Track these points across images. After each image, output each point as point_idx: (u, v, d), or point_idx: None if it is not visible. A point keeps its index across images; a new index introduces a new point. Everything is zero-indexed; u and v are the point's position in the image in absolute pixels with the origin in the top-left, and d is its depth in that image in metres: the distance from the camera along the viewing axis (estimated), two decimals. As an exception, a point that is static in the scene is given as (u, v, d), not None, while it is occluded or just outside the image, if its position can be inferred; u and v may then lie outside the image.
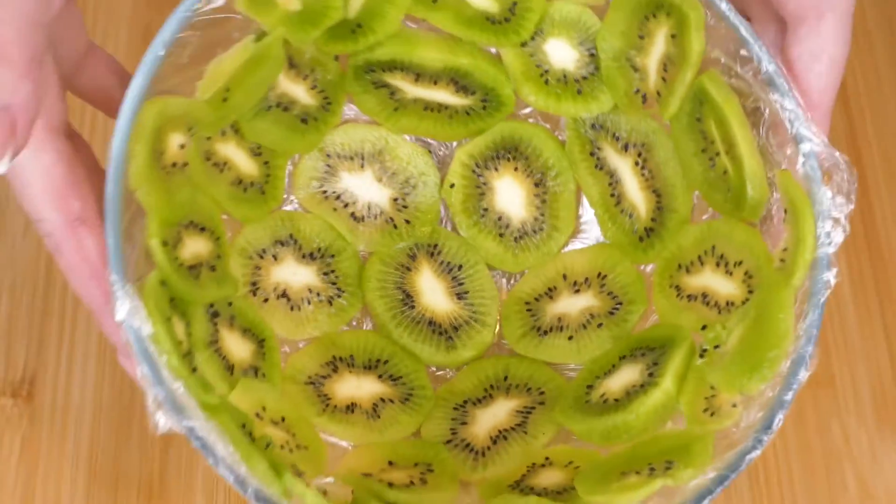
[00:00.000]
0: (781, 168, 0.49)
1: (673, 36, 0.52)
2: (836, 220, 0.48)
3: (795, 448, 0.64)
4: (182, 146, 0.49)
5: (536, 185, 0.58)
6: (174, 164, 0.48)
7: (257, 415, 0.49)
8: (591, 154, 0.57)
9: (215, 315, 0.50)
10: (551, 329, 0.56)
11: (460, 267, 0.58)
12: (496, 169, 0.58)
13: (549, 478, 0.52)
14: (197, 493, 0.60)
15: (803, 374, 0.46)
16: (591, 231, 0.58)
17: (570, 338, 0.56)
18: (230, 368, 0.50)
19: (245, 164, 0.54)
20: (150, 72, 0.46)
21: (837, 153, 0.48)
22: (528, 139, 0.57)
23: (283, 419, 0.51)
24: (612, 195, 0.57)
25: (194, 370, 0.46)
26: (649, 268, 0.56)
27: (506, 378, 0.56)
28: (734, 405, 0.48)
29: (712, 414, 0.49)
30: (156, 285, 0.46)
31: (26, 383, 0.60)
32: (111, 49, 0.64)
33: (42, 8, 0.43)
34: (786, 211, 0.50)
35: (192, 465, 0.61)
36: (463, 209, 0.58)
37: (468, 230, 0.58)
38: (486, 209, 0.58)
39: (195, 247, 0.49)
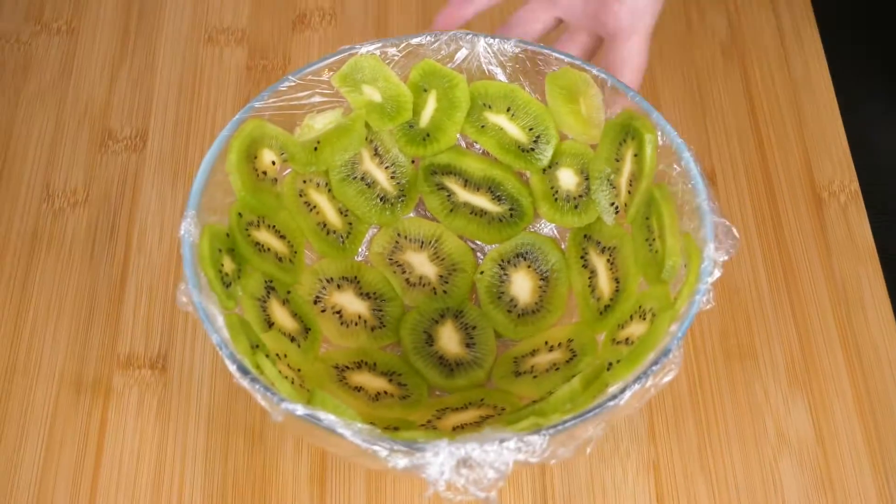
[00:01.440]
0: (686, 232, 0.65)
1: (635, 155, 0.69)
2: (717, 263, 0.62)
3: (730, 405, 0.78)
4: (273, 162, 0.71)
5: (542, 279, 0.75)
6: (264, 173, 0.71)
7: (277, 355, 0.66)
8: (581, 257, 0.73)
9: (271, 288, 0.70)
10: (524, 373, 0.71)
11: (474, 328, 0.74)
12: (515, 266, 0.75)
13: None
14: (288, 440, 0.75)
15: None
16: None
17: (535, 377, 0.70)
18: (269, 323, 0.69)
19: (333, 216, 0.75)
20: (251, 108, 0.70)
21: (727, 222, 0.63)
22: (541, 246, 0.75)
23: (298, 370, 0.68)
24: (590, 286, 0.72)
25: (227, 286, 0.66)
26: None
27: (481, 400, 0.70)
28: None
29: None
30: (217, 229, 0.66)
31: (161, 359, 0.78)
32: (220, 114, 0.89)
33: None
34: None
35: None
36: (486, 291, 0.75)
37: (486, 306, 0.75)
38: (503, 293, 0.75)
39: (270, 241, 0.70)
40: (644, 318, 0.65)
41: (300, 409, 0.57)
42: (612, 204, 0.72)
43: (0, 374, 0.78)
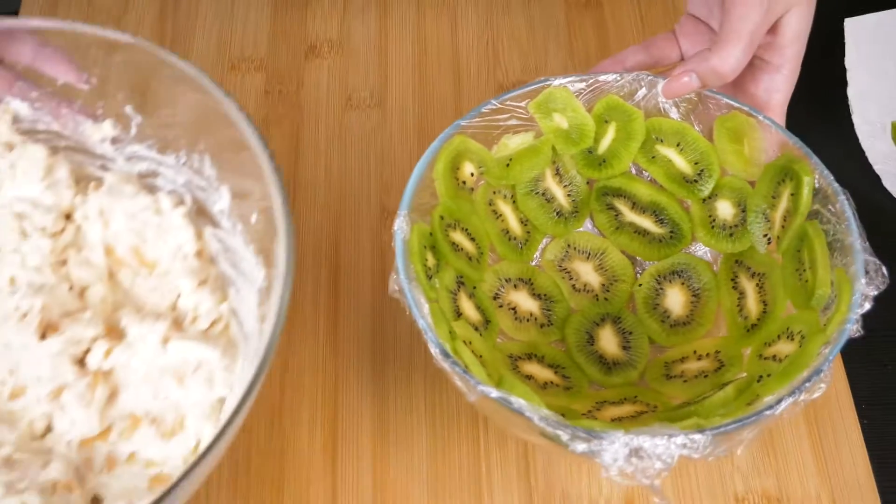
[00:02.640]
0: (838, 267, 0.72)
1: (792, 194, 0.76)
2: (867, 297, 0.69)
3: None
4: (472, 174, 0.80)
5: (694, 295, 0.82)
6: (464, 183, 0.79)
7: (465, 342, 0.75)
8: (732, 279, 0.81)
9: (461, 283, 0.78)
10: (675, 377, 0.78)
11: (631, 333, 0.82)
12: (670, 281, 0.83)
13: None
14: (304, 416, 0.83)
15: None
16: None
17: (685, 381, 0.77)
18: (458, 314, 0.77)
19: (515, 225, 0.83)
20: (458, 125, 0.79)
21: (878, 261, 0.70)
22: (695, 266, 0.83)
23: (481, 356, 0.76)
24: (738, 306, 0.80)
25: (429, 278, 0.74)
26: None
27: (635, 397, 0.78)
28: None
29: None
30: (424, 228, 0.75)
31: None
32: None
33: None
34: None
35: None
36: (643, 302, 0.83)
37: (642, 314, 0.83)
38: (657, 304, 0.83)
39: (463, 242, 0.79)
40: (792, 339, 0.73)
41: (494, 393, 0.65)
42: (765, 235, 0.79)
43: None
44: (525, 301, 0.83)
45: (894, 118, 1.00)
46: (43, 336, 0.73)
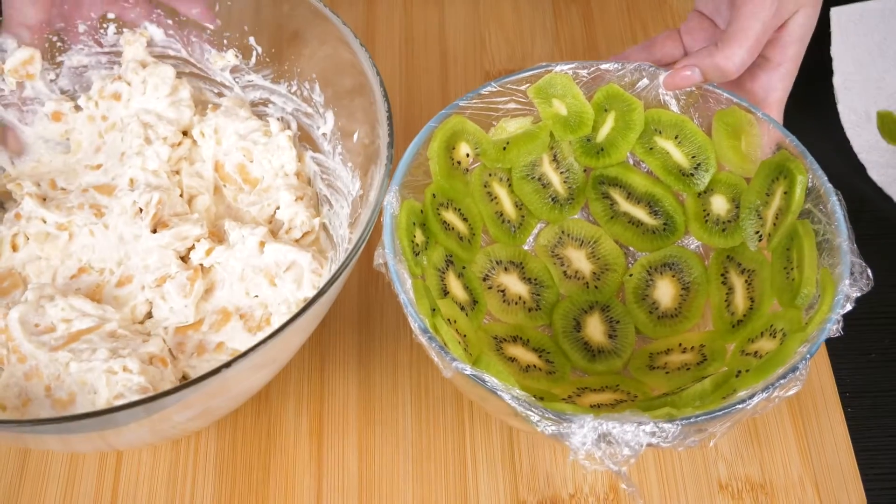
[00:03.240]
0: (824, 267, 0.71)
1: (785, 192, 0.75)
2: (849, 298, 0.68)
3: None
4: (467, 155, 0.79)
5: (683, 288, 0.81)
6: (458, 163, 0.79)
7: (448, 320, 0.74)
8: (722, 274, 0.80)
9: (450, 262, 0.78)
10: (658, 368, 0.77)
11: (618, 322, 0.81)
12: (661, 273, 0.82)
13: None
14: (290, 401, 0.83)
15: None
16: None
17: (667, 373, 0.77)
18: (444, 292, 0.77)
19: (509, 208, 0.82)
20: (455, 105, 0.78)
21: (863, 263, 0.69)
22: (686, 260, 0.82)
23: (465, 336, 0.76)
24: (726, 301, 0.79)
25: (416, 254, 0.74)
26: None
27: (617, 385, 0.77)
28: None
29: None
30: (414, 205, 0.75)
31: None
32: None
33: None
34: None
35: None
36: (633, 292, 0.82)
37: (630, 304, 0.82)
38: (647, 295, 0.82)
39: (455, 222, 0.78)
40: (774, 336, 0.72)
41: (468, 370, 0.65)
42: (757, 232, 0.78)
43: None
44: (515, 284, 0.82)
45: (880, 108, 0.99)
46: (154, 231, 0.81)
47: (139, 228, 0.81)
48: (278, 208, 0.85)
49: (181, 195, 0.85)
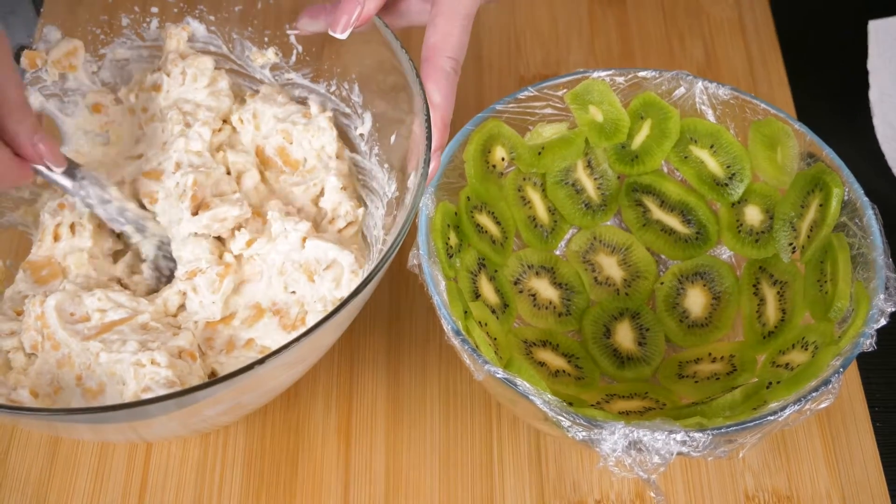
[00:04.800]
0: (858, 281, 0.69)
1: (820, 205, 0.74)
2: (883, 312, 0.67)
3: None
4: (503, 159, 0.78)
5: (714, 298, 0.80)
6: (494, 167, 0.77)
7: (479, 323, 0.73)
8: (754, 285, 0.78)
9: (482, 265, 0.77)
10: (687, 377, 0.76)
11: (648, 329, 0.80)
12: (692, 282, 0.80)
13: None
14: (318, 399, 0.81)
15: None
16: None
17: (696, 382, 0.75)
18: (476, 295, 0.75)
19: (542, 213, 0.81)
20: (492, 109, 0.77)
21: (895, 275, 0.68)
22: (718, 269, 0.80)
23: (495, 339, 0.74)
24: (757, 312, 0.77)
25: (450, 256, 0.72)
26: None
27: (646, 393, 0.75)
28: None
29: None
30: (449, 207, 0.73)
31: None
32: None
33: None
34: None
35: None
36: (663, 300, 0.81)
37: (661, 312, 0.80)
38: (677, 303, 0.80)
39: (488, 225, 0.77)
40: (805, 349, 0.70)
41: (500, 373, 0.64)
42: (791, 244, 0.76)
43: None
44: (546, 289, 0.81)
45: (916, 122, 0.97)
46: (195, 213, 0.79)
47: (180, 211, 0.79)
48: (323, 191, 0.83)
49: (227, 173, 0.83)
